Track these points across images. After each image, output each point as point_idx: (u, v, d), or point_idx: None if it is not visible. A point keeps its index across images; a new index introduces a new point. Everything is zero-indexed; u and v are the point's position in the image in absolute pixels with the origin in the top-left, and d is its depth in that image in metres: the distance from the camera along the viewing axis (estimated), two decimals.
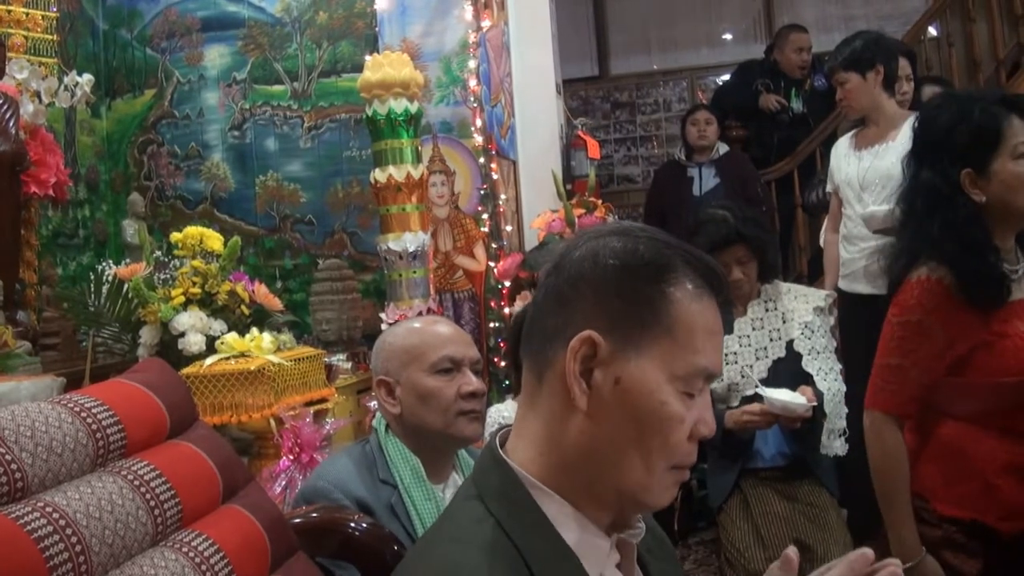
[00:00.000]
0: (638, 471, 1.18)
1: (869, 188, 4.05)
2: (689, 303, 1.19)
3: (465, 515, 1.21)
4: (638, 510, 1.25)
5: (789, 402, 3.25)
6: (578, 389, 1.17)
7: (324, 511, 2.05)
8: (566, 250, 1.25)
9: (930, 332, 2.31)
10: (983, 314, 2.30)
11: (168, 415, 1.72)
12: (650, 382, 1.17)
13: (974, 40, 6.87)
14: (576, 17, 8.88)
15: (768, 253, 3.53)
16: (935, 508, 2.38)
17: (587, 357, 1.17)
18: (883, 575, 1.16)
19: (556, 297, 1.22)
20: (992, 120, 2.30)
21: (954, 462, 2.37)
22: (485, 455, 1.29)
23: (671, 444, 1.18)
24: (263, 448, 3.47)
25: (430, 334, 2.28)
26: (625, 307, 1.18)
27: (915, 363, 2.34)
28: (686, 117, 6.12)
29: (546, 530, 1.18)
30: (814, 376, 3.41)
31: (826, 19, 8.64)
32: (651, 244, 1.21)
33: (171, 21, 5.79)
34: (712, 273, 1.23)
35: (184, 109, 5.80)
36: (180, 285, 3.66)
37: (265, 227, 5.69)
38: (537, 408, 1.24)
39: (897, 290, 2.43)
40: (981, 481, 2.33)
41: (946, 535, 2.36)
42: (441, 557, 1.16)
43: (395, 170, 4.05)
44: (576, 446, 1.19)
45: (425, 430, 2.21)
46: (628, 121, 9.02)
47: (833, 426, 3.40)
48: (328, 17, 5.61)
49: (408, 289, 4.14)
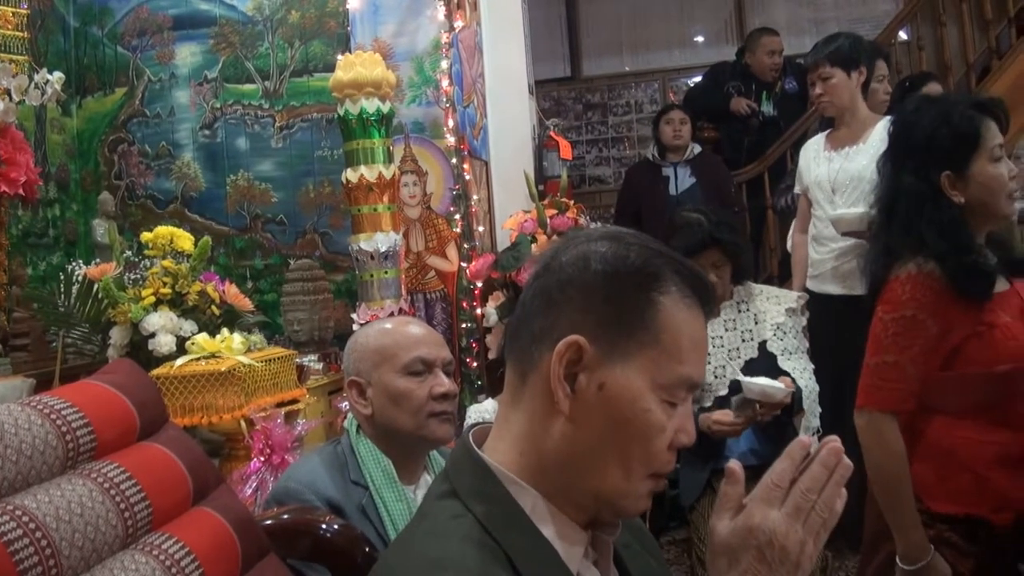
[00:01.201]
0: (617, 477, 1.19)
1: (840, 190, 4.08)
2: (676, 312, 1.19)
3: (442, 512, 1.21)
4: (614, 516, 1.25)
5: (768, 386, 3.27)
6: (562, 393, 1.17)
7: (295, 513, 2.04)
8: (556, 252, 1.26)
9: (924, 325, 2.33)
10: (973, 306, 2.33)
11: (138, 417, 1.71)
12: (634, 389, 1.17)
13: (944, 44, 6.92)
14: (549, 18, 8.90)
15: (742, 257, 3.55)
16: (928, 507, 2.38)
17: (572, 361, 1.18)
18: (824, 453, 1.14)
19: (544, 299, 1.22)
20: (970, 124, 2.35)
21: (945, 458, 2.38)
22: (459, 452, 1.29)
23: (651, 452, 1.19)
24: (234, 450, 3.46)
25: (402, 335, 2.27)
26: (613, 313, 1.18)
27: (912, 358, 2.34)
28: (660, 116, 6.12)
29: (525, 524, 1.19)
30: (791, 375, 3.44)
31: (797, 22, 8.69)
32: (642, 251, 1.22)
33: (142, 19, 5.76)
34: (701, 284, 1.24)
35: (155, 108, 5.76)
36: (150, 285, 3.65)
37: (236, 227, 5.66)
38: (519, 408, 1.24)
39: (880, 289, 2.45)
40: (973, 474, 2.35)
41: (939, 534, 2.37)
42: (422, 552, 1.16)
43: (367, 170, 4.04)
44: (556, 449, 1.20)
45: (397, 431, 2.21)
46: (600, 122, 9.05)
47: (809, 424, 3.44)
48: (300, 16, 5.60)
49: (380, 289, 4.13)
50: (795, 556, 1.11)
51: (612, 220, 7.30)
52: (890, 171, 2.49)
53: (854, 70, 4.05)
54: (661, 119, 6.06)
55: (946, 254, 2.32)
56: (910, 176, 2.39)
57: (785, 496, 1.13)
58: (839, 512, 1.14)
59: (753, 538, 1.12)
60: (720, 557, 1.14)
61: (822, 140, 4.28)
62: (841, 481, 1.14)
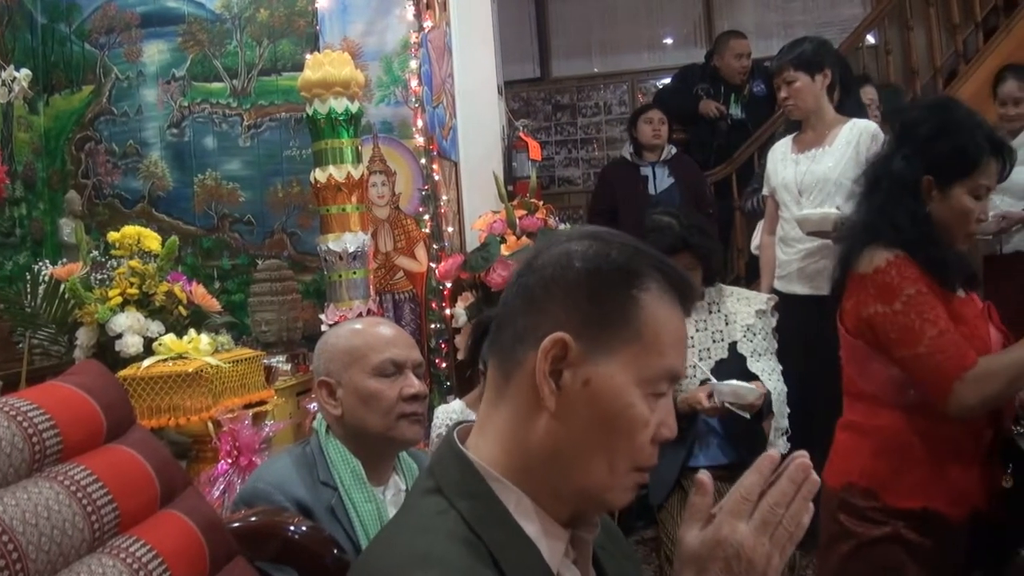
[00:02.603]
0: (602, 472, 1.20)
1: (807, 192, 4.11)
2: (658, 308, 1.21)
3: (427, 508, 1.21)
4: (599, 510, 1.28)
5: (739, 387, 3.31)
6: (548, 389, 1.18)
7: (263, 515, 2.04)
8: (538, 251, 1.27)
9: (929, 296, 2.33)
10: (945, 295, 2.36)
11: (105, 418, 1.69)
12: (618, 384, 1.19)
13: (912, 48, 6.98)
14: (518, 19, 8.89)
15: (713, 259, 3.58)
16: (885, 502, 2.40)
17: (558, 358, 1.19)
18: (792, 468, 1.17)
19: (527, 297, 1.24)
20: (976, 151, 2.37)
21: (902, 452, 2.40)
22: (444, 449, 1.29)
23: (635, 446, 1.20)
24: (201, 452, 3.44)
25: (372, 336, 2.27)
26: (595, 310, 1.20)
27: (944, 324, 2.31)
28: (638, 116, 6.14)
29: (508, 522, 1.20)
30: (759, 376, 3.47)
31: (765, 26, 8.72)
32: (623, 249, 1.24)
33: (110, 16, 5.72)
34: (680, 280, 1.26)
35: (122, 106, 5.73)
36: (117, 285, 3.63)
37: (203, 227, 5.63)
38: (503, 407, 1.25)
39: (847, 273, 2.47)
40: (930, 468, 2.37)
41: (894, 531, 2.39)
42: (407, 547, 1.16)
43: (335, 170, 4.04)
44: (542, 445, 1.21)
45: (366, 432, 2.20)
46: (569, 123, 9.05)
47: (779, 425, 3.47)
48: (269, 14, 5.58)
49: (348, 290, 4.13)
50: (761, 569, 1.14)
51: (583, 220, 7.31)
52: (889, 149, 2.51)
53: (818, 73, 4.09)
54: (639, 118, 6.08)
55: (916, 242, 2.35)
56: (901, 161, 2.41)
57: (753, 509, 1.17)
58: (806, 526, 1.16)
59: (721, 550, 1.15)
60: (688, 567, 1.17)
61: (789, 143, 4.32)
62: (808, 496, 1.17)
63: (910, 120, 2.50)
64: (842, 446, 2.56)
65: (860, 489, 2.44)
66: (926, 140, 2.40)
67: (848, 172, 3.90)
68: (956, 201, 2.39)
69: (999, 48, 6.46)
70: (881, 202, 2.42)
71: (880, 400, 2.45)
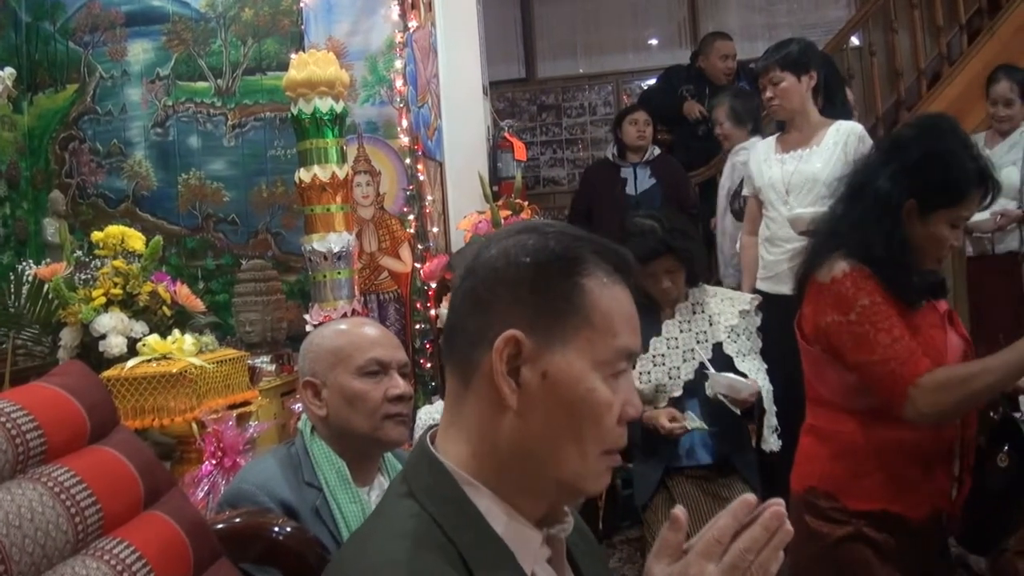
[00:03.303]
0: (574, 460, 1.21)
1: (795, 191, 4.13)
2: (602, 290, 1.23)
3: (399, 512, 1.22)
4: (575, 498, 1.29)
5: (736, 381, 3.33)
6: (507, 388, 1.19)
7: (247, 516, 2.03)
8: (478, 252, 1.28)
9: (884, 306, 2.35)
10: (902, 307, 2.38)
11: (89, 420, 1.69)
12: (576, 371, 1.20)
13: (896, 50, 7.01)
14: (504, 19, 8.90)
15: (695, 262, 3.59)
16: (845, 504, 2.43)
17: (513, 356, 1.20)
18: (767, 516, 1.17)
19: (473, 300, 1.24)
20: (965, 184, 2.38)
21: (859, 456, 2.44)
22: (416, 453, 1.30)
23: (603, 429, 1.21)
24: (185, 453, 3.43)
25: (357, 336, 2.27)
26: (542, 302, 1.21)
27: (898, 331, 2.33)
28: (623, 116, 6.17)
29: (480, 526, 1.20)
30: (747, 376, 3.48)
31: (750, 27, 8.76)
32: (560, 238, 1.25)
33: (94, 14, 5.68)
34: (621, 259, 1.28)
35: (107, 105, 5.70)
36: (101, 286, 3.61)
37: (187, 227, 5.61)
38: (465, 412, 1.25)
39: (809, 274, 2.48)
40: (889, 472, 2.41)
41: (856, 529, 2.43)
42: (378, 553, 1.17)
43: (320, 170, 4.03)
44: (511, 444, 1.21)
45: (351, 433, 2.20)
46: (554, 124, 9.06)
47: (770, 422, 3.49)
48: (254, 14, 5.55)
49: (333, 290, 4.12)
50: None
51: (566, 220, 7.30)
52: (878, 161, 2.51)
53: (804, 74, 4.11)
54: (625, 119, 6.11)
55: (882, 262, 2.36)
56: (888, 181, 2.41)
57: (724, 552, 1.17)
58: (773, 575, 1.17)
59: None
60: None
61: (772, 143, 4.33)
62: (780, 545, 1.17)
63: (902, 139, 2.51)
64: (804, 450, 2.60)
65: (821, 492, 2.48)
66: (916, 165, 2.40)
67: (837, 172, 3.91)
68: (934, 228, 2.40)
69: (983, 50, 6.50)
70: (859, 216, 2.43)
71: (838, 406, 2.48)
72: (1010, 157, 5.08)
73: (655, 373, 3.57)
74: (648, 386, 3.55)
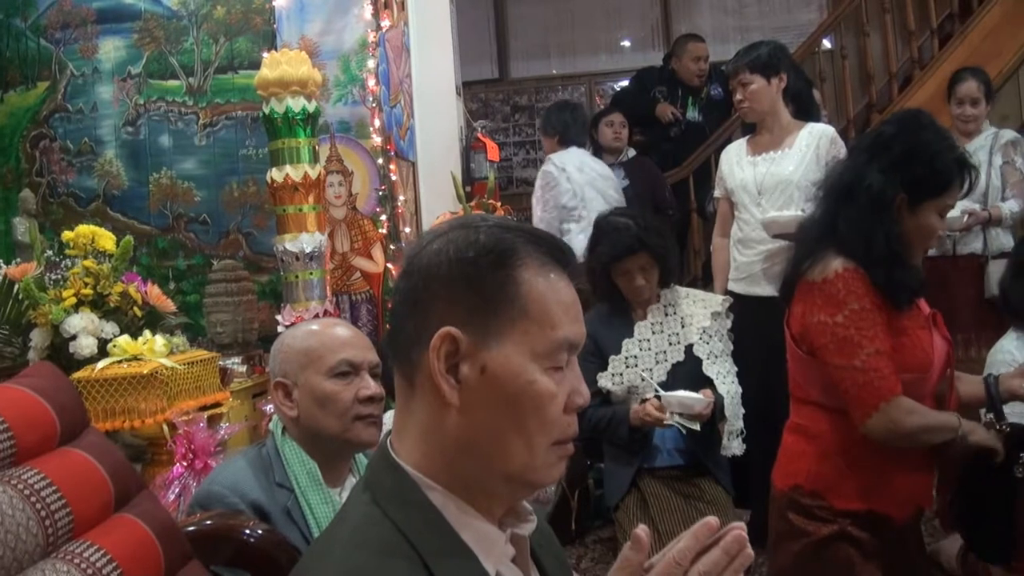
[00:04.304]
0: (521, 453, 1.21)
1: (767, 193, 4.14)
2: (537, 281, 1.22)
3: (361, 518, 1.22)
4: (529, 491, 1.28)
5: (686, 398, 3.35)
6: (447, 386, 1.20)
7: (218, 518, 2.02)
8: (414, 253, 1.28)
9: (873, 313, 2.38)
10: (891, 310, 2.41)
11: (59, 421, 1.68)
12: (515, 365, 1.20)
13: (867, 53, 7.06)
14: (477, 20, 8.91)
15: (669, 260, 3.61)
16: (831, 503, 2.45)
17: (450, 353, 1.20)
18: (728, 539, 1.18)
19: (411, 300, 1.25)
20: (948, 174, 2.44)
21: (847, 456, 2.46)
22: (377, 458, 1.30)
23: (548, 421, 1.21)
24: (156, 454, 3.41)
25: (329, 337, 2.27)
26: (477, 297, 1.21)
27: (882, 343, 2.38)
28: (599, 118, 6.20)
29: (443, 529, 1.20)
30: (714, 380, 3.50)
31: (722, 30, 8.81)
32: (491, 232, 1.25)
33: (66, 11, 5.63)
34: (556, 248, 1.27)
35: (77, 103, 5.64)
36: (72, 286, 3.59)
37: (158, 226, 5.57)
38: (413, 411, 1.25)
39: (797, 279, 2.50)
40: (875, 473, 2.44)
41: (841, 529, 2.45)
42: (341, 561, 1.17)
43: (292, 170, 4.02)
44: (457, 441, 1.21)
45: (322, 434, 2.20)
46: (527, 124, 9.08)
47: (732, 428, 3.51)
48: (226, 12, 5.52)
49: (304, 291, 4.11)
50: None
51: None
52: (862, 159, 2.52)
53: (774, 77, 4.14)
54: (601, 121, 6.16)
55: (883, 261, 2.38)
56: (879, 175, 2.43)
57: (684, 575, 1.18)
58: None
59: None
60: None
61: (743, 145, 4.35)
62: (740, 569, 1.18)
63: (883, 136, 2.53)
64: (789, 448, 2.62)
65: (806, 491, 2.49)
66: (902, 159, 2.44)
67: (809, 175, 3.95)
68: (924, 219, 2.45)
69: (954, 54, 6.57)
70: (856, 216, 2.45)
71: (825, 405, 2.50)
72: (976, 159, 5.11)
73: (628, 375, 3.58)
74: (621, 388, 3.57)
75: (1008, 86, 6.54)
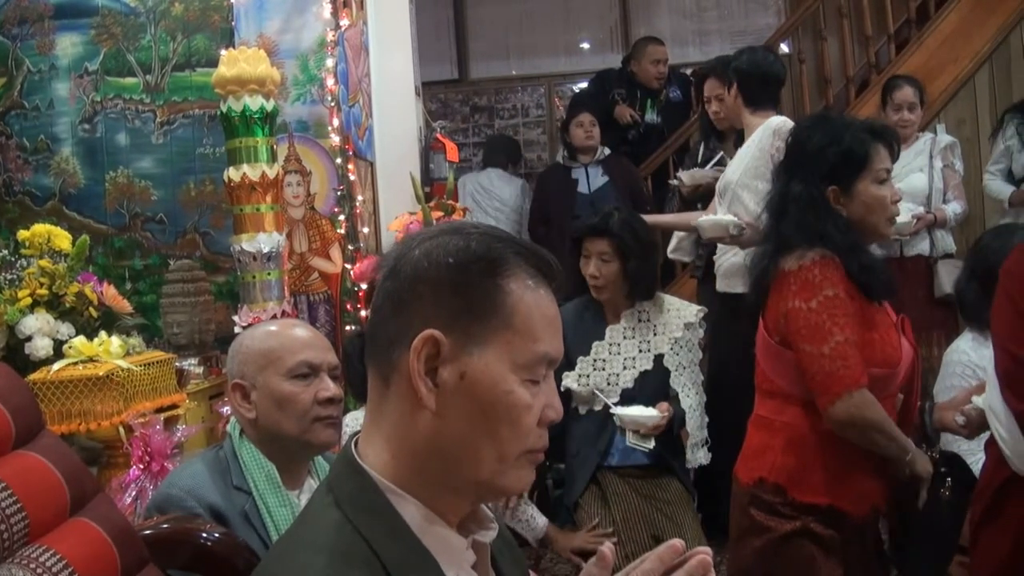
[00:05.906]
0: (492, 461, 1.21)
1: (721, 195, 4.19)
2: (524, 293, 1.23)
3: (323, 521, 1.21)
4: (496, 497, 1.29)
5: (638, 416, 3.38)
6: (424, 388, 1.19)
7: (175, 521, 2.02)
8: (400, 253, 1.28)
9: (846, 302, 2.42)
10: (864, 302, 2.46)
11: (13, 424, 1.66)
12: (494, 374, 1.20)
13: (825, 58, 7.11)
14: (436, 20, 8.91)
15: (633, 260, 3.53)
16: (793, 497, 2.48)
17: (431, 356, 1.20)
18: (693, 563, 1.20)
19: (395, 301, 1.24)
20: (861, 145, 2.49)
21: (811, 451, 2.49)
22: (340, 461, 1.29)
23: (521, 431, 1.22)
24: (112, 457, 3.37)
25: (288, 338, 2.26)
26: (462, 303, 1.21)
27: (853, 331, 2.41)
28: (570, 120, 6.24)
29: (404, 534, 1.20)
30: (679, 393, 3.52)
31: (681, 33, 8.86)
32: (482, 240, 1.25)
33: (23, 7, 5.55)
34: (544, 262, 1.28)
35: (34, 100, 5.57)
36: (27, 286, 3.54)
37: (115, 226, 5.51)
38: (385, 412, 1.25)
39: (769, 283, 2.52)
40: (835, 468, 2.47)
41: (804, 525, 2.47)
42: (301, 565, 1.16)
43: (249, 169, 3.98)
44: (428, 444, 1.21)
45: (281, 436, 2.19)
46: (487, 125, 9.08)
47: (696, 439, 3.53)
48: (184, 9, 5.47)
49: (262, 291, 4.07)
50: None
51: None
52: (782, 179, 2.58)
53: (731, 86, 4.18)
54: (571, 122, 6.21)
55: (848, 250, 2.43)
56: (799, 184, 2.49)
57: None
58: None
59: None
60: None
61: None
62: None
63: (796, 140, 2.62)
64: (753, 442, 2.64)
65: (770, 485, 2.52)
66: (813, 157, 2.50)
67: (750, 172, 3.95)
68: (864, 195, 2.50)
69: (910, 60, 6.64)
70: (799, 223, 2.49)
71: (791, 396, 2.53)
72: (916, 163, 5.22)
73: (594, 377, 3.58)
74: (586, 389, 3.57)
75: (963, 91, 6.62)
